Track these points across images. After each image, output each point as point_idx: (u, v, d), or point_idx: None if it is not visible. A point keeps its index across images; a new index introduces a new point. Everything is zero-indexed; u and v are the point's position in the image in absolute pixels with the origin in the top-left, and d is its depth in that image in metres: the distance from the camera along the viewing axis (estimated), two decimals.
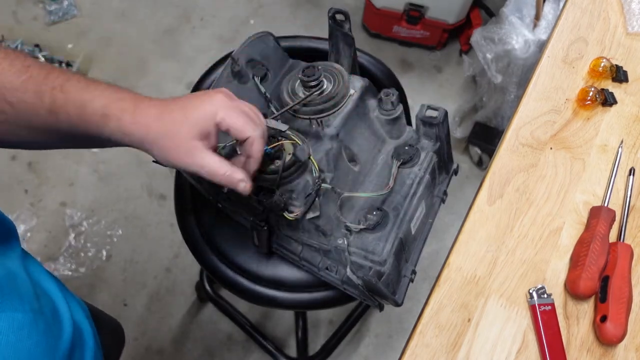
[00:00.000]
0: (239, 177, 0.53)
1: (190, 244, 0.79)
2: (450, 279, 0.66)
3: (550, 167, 0.74)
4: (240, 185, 0.54)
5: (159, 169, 1.62)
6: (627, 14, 0.87)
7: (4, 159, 1.64)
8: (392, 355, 1.42)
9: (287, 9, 1.98)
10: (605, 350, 0.62)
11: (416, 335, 0.62)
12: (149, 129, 0.50)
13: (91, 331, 0.58)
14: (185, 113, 0.51)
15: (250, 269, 0.76)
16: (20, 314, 0.45)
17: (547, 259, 0.67)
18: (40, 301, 0.49)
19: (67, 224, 1.54)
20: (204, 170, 0.52)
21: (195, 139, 0.51)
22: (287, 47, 0.81)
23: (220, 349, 1.41)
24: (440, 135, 0.70)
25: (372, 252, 0.62)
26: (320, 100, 0.68)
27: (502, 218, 0.70)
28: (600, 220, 0.67)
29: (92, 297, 1.44)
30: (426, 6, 1.71)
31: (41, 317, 0.48)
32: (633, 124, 0.78)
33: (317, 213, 0.64)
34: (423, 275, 1.49)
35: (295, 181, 0.65)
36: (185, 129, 0.50)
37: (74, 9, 1.91)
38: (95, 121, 0.49)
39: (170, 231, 1.54)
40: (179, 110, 0.51)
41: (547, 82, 0.81)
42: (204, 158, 0.51)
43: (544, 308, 0.62)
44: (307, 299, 0.75)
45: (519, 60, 1.31)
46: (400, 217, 0.64)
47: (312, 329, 1.42)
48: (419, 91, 1.82)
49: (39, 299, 0.49)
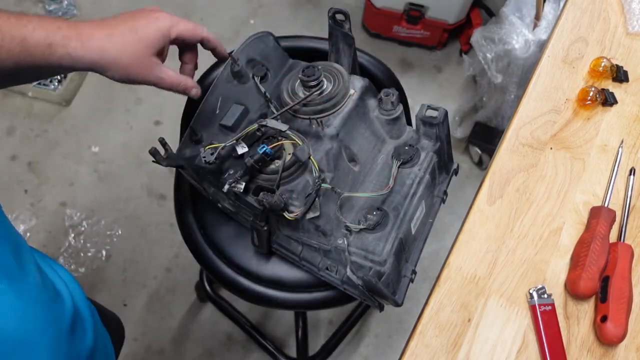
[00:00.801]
0: (191, 84, 0.63)
1: (190, 244, 0.79)
2: (450, 279, 0.66)
3: (551, 167, 0.73)
4: (192, 91, 0.64)
5: (159, 169, 1.62)
6: (627, 14, 0.87)
7: (4, 159, 1.64)
8: (392, 355, 1.41)
9: (287, 9, 1.98)
10: (605, 351, 0.62)
11: (416, 335, 0.62)
12: (103, 51, 0.54)
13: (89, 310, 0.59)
14: (137, 33, 0.56)
15: (250, 269, 0.76)
16: (25, 285, 0.46)
17: (547, 259, 0.67)
18: (42, 276, 0.50)
19: (66, 224, 1.54)
20: (164, 82, 0.60)
21: (152, 56, 0.58)
22: (287, 47, 0.81)
23: (220, 349, 1.41)
24: (440, 135, 0.69)
25: (372, 252, 0.62)
26: (320, 100, 0.68)
27: (502, 218, 0.70)
28: (601, 220, 0.67)
29: (92, 297, 1.43)
30: (426, 6, 1.70)
31: (44, 290, 0.49)
32: (633, 123, 0.78)
33: (317, 213, 0.64)
34: (423, 275, 1.49)
35: (295, 181, 0.65)
36: (141, 48, 0.56)
37: (74, 8, 1.91)
38: (41, 52, 0.51)
39: (170, 231, 1.54)
40: (130, 31, 0.56)
41: (547, 82, 0.81)
42: (163, 71, 0.59)
43: (544, 308, 0.62)
44: (307, 299, 0.75)
45: (519, 60, 1.31)
46: (400, 217, 0.64)
47: (312, 329, 1.42)
48: (419, 91, 1.82)
49: (41, 273, 0.50)
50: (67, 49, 0.53)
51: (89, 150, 1.67)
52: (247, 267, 0.76)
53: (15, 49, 0.50)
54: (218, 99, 0.72)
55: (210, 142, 0.70)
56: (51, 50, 0.52)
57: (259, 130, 0.67)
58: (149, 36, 0.57)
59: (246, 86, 0.74)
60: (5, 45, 0.50)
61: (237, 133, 0.68)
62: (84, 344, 0.55)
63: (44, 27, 0.52)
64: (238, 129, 0.72)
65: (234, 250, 0.77)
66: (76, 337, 0.53)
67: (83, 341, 0.55)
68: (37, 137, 1.69)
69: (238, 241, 0.78)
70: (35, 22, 0.52)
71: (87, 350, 0.55)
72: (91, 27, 0.55)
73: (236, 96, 0.73)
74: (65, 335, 0.51)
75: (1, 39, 0.50)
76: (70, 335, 0.52)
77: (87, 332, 0.56)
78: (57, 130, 1.70)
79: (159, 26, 0.58)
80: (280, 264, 0.76)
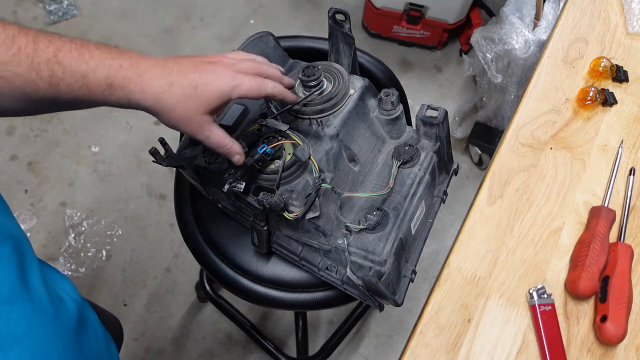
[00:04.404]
0: (237, 150, 0.59)
1: (190, 244, 0.79)
2: (450, 279, 0.66)
3: (551, 167, 0.73)
4: (235, 157, 0.60)
5: (159, 169, 1.62)
6: (627, 14, 0.87)
7: (4, 159, 1.64)
8: (392, 355, 1.41)
9: (287, 9, 1.99)
10: (605, 351, 0.62)
11: (416, 335, 0.62)
12: (158, 101, 0.53)
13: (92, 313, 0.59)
14: (196, 90, 0.54)
15: (250, 269, 0.76)
16: (30, 304, 0.46)
17: (547, 259, 0.67)
18: (47, 288, 0.50)
19: (67, 224, 1.54)
20: (210, 141, 0.57)
21: (205, 114, 0.55)
22: (287, 47, 0.81)
23: (220, 349, 1.41)
24: (440, 135, 0.69)
25: (372, 252, 0.62)
26: (320, 100, 0.68)
27: (502, 218, 0.70)
28: (601, 220, 0.67)
29: (92, 297, 1.44)
30: (426, 6, 1.71)
31: (50, 304, 0.49)
32: (633, 123, 0.78)
33: (317, 213, 0.64)
34: (423, 275, 1.49)
35: (295, 181, 0.65)
36: (197, 105, 0.54)
37: (74, 8, 1.91)
38: (101, 91, 0.50)
39: (170, 231, 1.54)
40: (189, 86, 0.53)
41: (547, 82, 0.81)
42: (212, 131, 0.57)
43: (544, 308, 0.62)
44: (307, 299, 0.75)
45: (519, 60, 1.31)
46: (400, 217, 0.64)
47: (312, 329, 1.42)
48: (419, 91, 1.82)
49: (46, 286, 0.50)
50: (125, 91, 0.51)
51: (89, 150, 1.67)
52: (247, 267, 0.76)
53: (75, 85, 0.49)
54: None
55: None
56: (111, 90, 0.51)
57: (259, 130, 0.67)
58: (208, 96, 0.54)
59: None
60: (66, 79, 0.49)
61: (237, 133, 0.68)
62: (90, 348, 0.55)
63: (105, 65, 0.50)
64: (238, 129, 0.72)
65: (234, 250, 0.77)
66: (83, 342, 0.53)
67: (89, 345, 0.55)
68: (36, 137, 1.69)
69: (238, 241, 0.78)
70: (97, 58, 0.50)
71: (94, 354, 0.55)
72: (153, 70, 0.53)
73: None
74: (72, 343, 0.51)
75: (62, 72, 0.48)
76: (77, 341, 0.52)
77: (91, 336, 0.56)
78: (57, 130, 1.70)
79: (220, 87, 0.55)
80: (280, 264, 0.76)
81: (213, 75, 0.55)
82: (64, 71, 0.48)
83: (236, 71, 0.57)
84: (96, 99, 0.51)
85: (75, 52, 0.49)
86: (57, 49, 0.48)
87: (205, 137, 0.57)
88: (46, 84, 0.48)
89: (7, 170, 1.62)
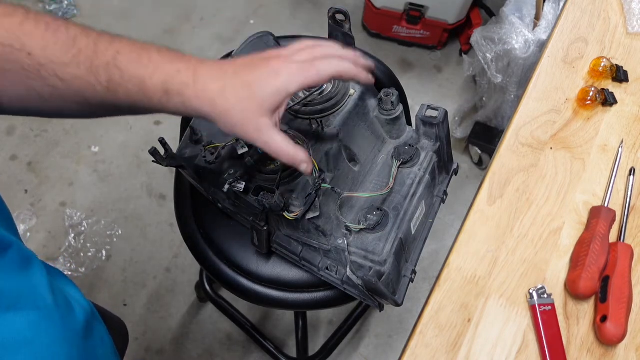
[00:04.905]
0: (302, 157, 0.53)
1: (190, 244, 0.79)
2: (450, 279, 0.66)
3: (551, 167, 0.73)
4: (302, 166, 0.54)
5: (159, 169, 1.62)
6: (627, 14, 0.87)
7: (4, 159, 1.64)
8: (392, 355, 1.42)
9: (287, 9, 1.99)
10: (605, 351, 0.62)
11: (416, 335, 0.62)
12: (214, 105, 0.50)
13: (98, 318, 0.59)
14: (251, 90, 0.50)
15: (250, 269, 0.76)
16: (36, 312, 0.45)
17: (547, 259, 0.67)
18: (55, 294, 0.49)
19: (67, 224, 1.54)
20: (269, 148, 0.52)
21: (263, 117, 0.50)
22: None
23: (220, 349, 1.41)
24: (440, 135, 0.69)
25: (372, 252, 0.62)
26: (320, 100, 0.68)
27: (502, 218, 0.70)
28: (601, 220, 0.67)
29: (92, 297, 1.43)
30: (426, 6, 1.71)
31: (56, 310, 0.48)
32: (633, 123, 0.78)
33: (317, 213, 0.64)
34: (423, 275, 1.49)
35: (295, 181, 0.65)
36: (253, 107, 0.50)
37: (74, 8, 1.91)
38: (158, 98, 0.49)
39: (170, 231, 1.54)
40: (243, 87, 0.50)
41: (547, 82, 0.81)
42: (272, 136, 0.51)
43: (544, 308, 0.62)
44: (307, 299, 0.75)
45: (519, 60, 1.31)
46: (400, 217, 0.64)
47: (312, 329, 1.42)
48: (419, 91, 1.82)
49: (53, 292, 0.49)
50: (182, 97, 0.49)
51: (89, 150, 1.67)
52: (247, 267, 0.76)
53: (133, 90, 0.48)
54: None
55: (210, 142, 0.70)
56: (168, 97, 0.49)
57: None
58: (264, 96, 0.50)
59: None
60: (124, 84, 0.47)
61: None
62: (96, 357, 0.54)
63: (163, 71, 0.48)
64: None
65: (234, 250, 0.77)
66: (89, 350, 0.53)
67: (95, 353, 0.55)
68: (36, 137, 1.69)
69: (238, 241, 0.78)
70: (155, 63, 0.48)
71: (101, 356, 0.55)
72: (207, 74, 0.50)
73: None
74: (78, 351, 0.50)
75: (119, 76, 0.47)
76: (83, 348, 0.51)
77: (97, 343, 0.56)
78: (57, 130, 1.70)
79: (276, 85, 0.50)
80: (280, 264, 0.76)
81: (267, 71, 0.51)
82: (122, 76, 0.47)
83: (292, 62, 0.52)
84: (154, 105, 0.49)
85: (135, 55, 0.48)
86: (117, 52, 0.47)
87: (264, 144, 0.51)
88: (104, 89, 0.47)
89: (7, 170, 1.62)
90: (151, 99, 0.48)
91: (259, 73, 0.51)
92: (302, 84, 0.52)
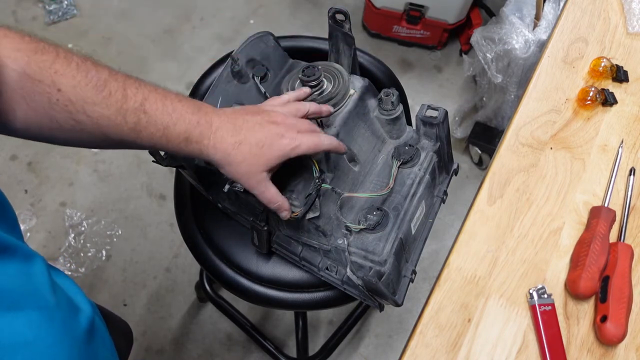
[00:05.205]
0: (286, 207, 0.62)
1: (190, 244, 0.79)
2: (450, 279, 0.66)
3: (551, 167, 0.73)
4: (283, 213, 0.62)
5: (159, 169, 1.62)
6: (627, 14, 0.87)
7: (4, 159, 1.64)
8: (392, 355, 1.41)
9: (287, 9, 1.98)
10: (605, 351, 0.62)
11: (416, 335, 0.62)
12: (227, 156, 0.57)
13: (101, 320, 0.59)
14: (261, 150, 0.58)
15: (250, 269, 0.76)
16: (37, 312, 0.45)
17: (547, 259, 0.67)
18: (57, 295, 0.49)
19: (66, 224, 1.54)
20: (263, 196, 0.60)
21: (265, 172, 0.59)
22: (287, 47, 0.81)
23: (220, 349, 1.41)
24: (440, 135, 0.69)
25: (372, 252, 0.62)
26: (320, 100, 0.68)
27: (502, 218, 0.70)
28: (601, 220, 0.67)
29: (92, 297, 1.43)
30: (426, 6, 1.71)
31: (58, 311, 0.48)
32: (633, 123, 0.78)
33: (317, 213, 0.64)
34: (423, 275, 1.49)
35: (296, 181, 0.65)
36: (260, 163, 0.58)
37: (74, 8, 1.91)
38: (177, 143, 0.55)
39: (170, 231, 1.54)
40: (256, 146, 0.58)
41: (547, 82, 0.81)
42: (268, 187, 0.60)
43: (544, 308, 0.62)
44: (307, 299, 0.75)
45: (519, 60, 1.31)
46: (401, 217, 0.64)
47: (312, 329, 1.42)
48: (419, 91, 1.82)
49: (55, 293, 0.49)
50: (200, 145, 0.56)
51: (89, 150, 1.67)
52: (247, 267, 0.76)
53: (157, 134, 0.53)
54: (218, 99, 0.72)
55: None
56: (187, 143, 0.55)
57: None
58: (270, 155, 0.58)
59: (246, 86, 0.74)
60: (149, 128, 0.52)
61: None
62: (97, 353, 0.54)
63: (185, 120, 0.54)
64: None
65: (234, 250, 0.77)
66: (91, 352, 0.53)
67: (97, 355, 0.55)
68: None
69: (238, 241, 0.78)
70: (179, 112, 0.54)
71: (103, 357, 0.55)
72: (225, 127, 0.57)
73: (236, 96, 0.74)
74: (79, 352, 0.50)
75: (146, 121, 0.52)
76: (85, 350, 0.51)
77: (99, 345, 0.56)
78: None
79: (282, 148, 0.58)
80: (280, 264, 0.76)
81: (277, 136, 0.58)
82: (148, 120, 0.52)
83: (296, 132, 0.60)
84: (171, 147, 0.55)
85: (160, 103, 0.53)
86: (144, 98, 0.52)
87: (260, 193, 0.60)
88: (130, 130, 0.52)
89: (7, 170, 1.62)
90: (172, 142, 0.55)
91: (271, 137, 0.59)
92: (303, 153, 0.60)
